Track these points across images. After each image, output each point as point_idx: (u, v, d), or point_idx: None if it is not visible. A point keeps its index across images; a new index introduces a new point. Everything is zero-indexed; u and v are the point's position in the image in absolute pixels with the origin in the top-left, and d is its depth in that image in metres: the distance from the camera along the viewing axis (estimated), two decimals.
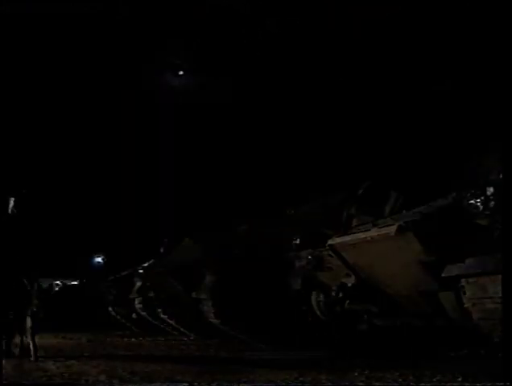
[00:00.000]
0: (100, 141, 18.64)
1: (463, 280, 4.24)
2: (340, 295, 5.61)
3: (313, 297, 6.20)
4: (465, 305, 4.29)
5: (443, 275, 4.41)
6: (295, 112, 15.14)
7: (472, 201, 4.14)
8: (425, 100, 12.18)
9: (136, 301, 11.52)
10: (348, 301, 5.60)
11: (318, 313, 6.23)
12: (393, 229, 4.70)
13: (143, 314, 11.50)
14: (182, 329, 10.26)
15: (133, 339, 10.18)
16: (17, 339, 7.44)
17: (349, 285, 5.57)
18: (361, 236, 5.18)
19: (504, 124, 4.10)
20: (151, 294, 10.32)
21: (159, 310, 10.27)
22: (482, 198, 4.07)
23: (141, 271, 11.41)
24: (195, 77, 16.57)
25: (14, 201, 7.50)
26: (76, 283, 20.71)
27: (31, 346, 7.05)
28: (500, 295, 3.81)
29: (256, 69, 14.83)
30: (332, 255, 5.60)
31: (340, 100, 13.90)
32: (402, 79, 12.48)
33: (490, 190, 4.04)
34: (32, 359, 6.90)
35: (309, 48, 13.89)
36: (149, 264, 11.60)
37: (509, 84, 4.24)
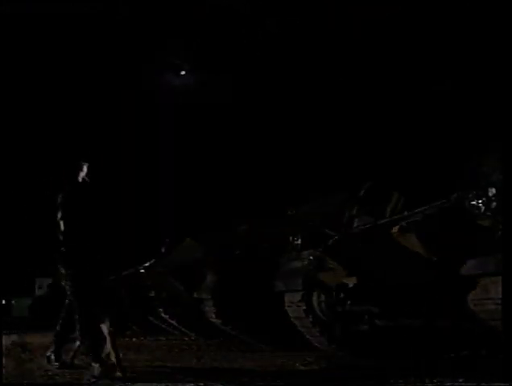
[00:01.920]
0: (100, 142, 18.65)
1: None
2: (342, 296, 5.62)
3: (314, 298, 6.20)
4: None
5: None
6: (295, 112, 15.17)
7: (473, 202, 4.15)
8: (425, 100, 12.20)
9: None
10: (349, 302, 5.61)
11: (319, 313, 6.22)
12: (394, 230, 4.72)
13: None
14: (183, 329, 10.25)
15: (134, 339, 10.16)
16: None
17: (350, 285, 5.58)
18: None
19: (504, 124, 4.11)
20: (152, 294, 10.31)
21: (160, 309, 10.26)
22: (484, 199, 4.08)
23: (142, 271, 11.39)
24: (195, 77, 16.59)
25: (88, 167, 5.98)
26: None
27: (113, 357, 5.32)
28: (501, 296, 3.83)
29: (256, 69, 14.85)
30: None
31: (341, 100, 13.92)
32: (403, 79, 12.50)
33: (492, 191, 4.05)
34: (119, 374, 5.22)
35: (309, 48, 13.91)
36: (150, 264, 11.58)
37: (509, 83, 4.25)
